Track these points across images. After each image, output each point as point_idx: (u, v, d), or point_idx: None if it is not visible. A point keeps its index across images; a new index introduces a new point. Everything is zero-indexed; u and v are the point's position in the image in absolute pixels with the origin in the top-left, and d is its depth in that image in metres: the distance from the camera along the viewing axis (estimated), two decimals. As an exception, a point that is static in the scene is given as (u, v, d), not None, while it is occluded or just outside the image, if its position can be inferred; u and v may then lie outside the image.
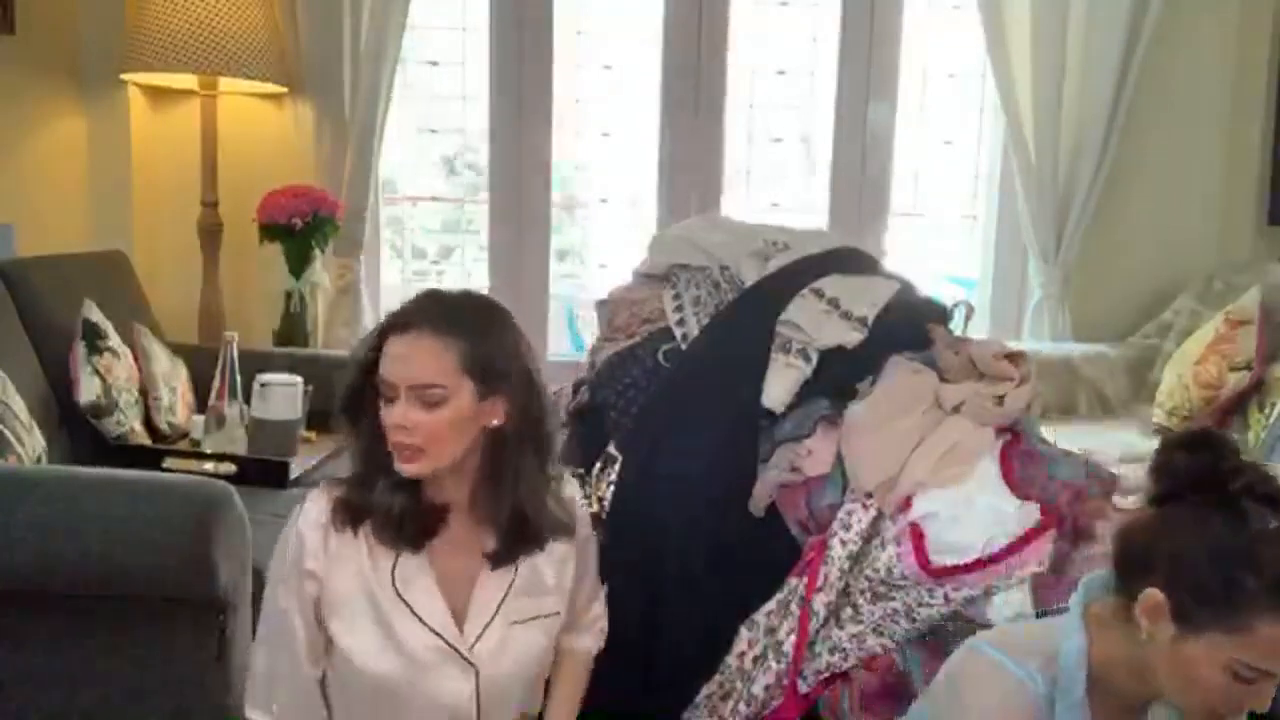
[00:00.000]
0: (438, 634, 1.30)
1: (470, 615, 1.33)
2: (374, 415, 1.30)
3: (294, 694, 1.33)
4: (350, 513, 1.31)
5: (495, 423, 1.31)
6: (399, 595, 1.30)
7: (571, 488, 1.48)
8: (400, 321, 1.28)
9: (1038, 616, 1.64)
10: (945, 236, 3.68)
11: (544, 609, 1.40)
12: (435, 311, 1.28)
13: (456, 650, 1.31)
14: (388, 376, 1.26)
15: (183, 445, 2.43)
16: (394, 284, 3.47)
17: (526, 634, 1.36)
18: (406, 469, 1.28)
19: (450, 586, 1.33)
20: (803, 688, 1.73)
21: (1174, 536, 1.15)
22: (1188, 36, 3.19)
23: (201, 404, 2.50)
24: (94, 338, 2.32)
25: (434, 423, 1.25)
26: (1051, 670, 1.19)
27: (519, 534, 1.35)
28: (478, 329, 1.29)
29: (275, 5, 3.00)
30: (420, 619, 1.30)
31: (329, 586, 1.31)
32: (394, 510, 1.30)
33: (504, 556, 1.35)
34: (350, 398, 1.32)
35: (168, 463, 2.27)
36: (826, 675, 1.72)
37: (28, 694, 1.74)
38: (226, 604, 1.72)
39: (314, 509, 1.32)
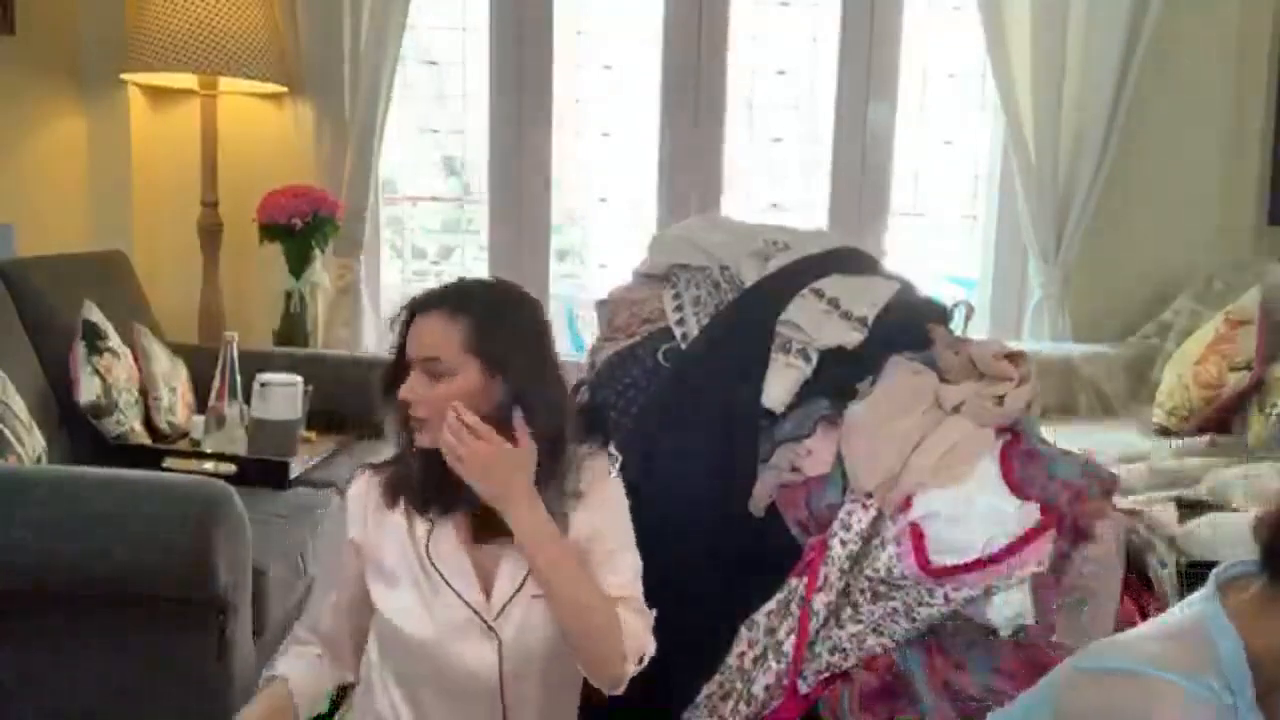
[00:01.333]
0: (465, 602, 1.36)
1: (496, 587, 1.37)
2: None
3: (310, 634, 1.47)
4: (390, 487, 1.40)
5: (500, 401, 1.35)
6: (433, 564, 1.37)
7: (599, 465, 1.46)
8: (419, 303, 1.36)
9: (1037, 619, 1.64)
10: (945, 236, 3.67)
11: None
12: (452, 294, 1.36)
13: (482, 619, 1.36)
14: (407, 353, 1.35)
15: (183, 445, 2.43)
16: (394, 284, 3.47)
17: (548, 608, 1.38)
18: (417, 439, 1.36)
19: (481, 558, 1.38)
20: (803, 688, 1.73)
21: None
22: (1188, 36, 3.19)
23: (201, 404, 2.51)
24: (94, 338, 2.32)
25: (437, 396, 1.32)
26: (1219, 676, 1.15)
27: None
28: (486, 311, 1.34)
29: (275, 5, 3.00)
30: (451, 586, 1.36)
31: (372, 554, 1.40)
32: (417, 476, 1.37)
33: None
34: (387, 378, 1.40)
35: (168, 463, 2.27)
36: (826, 675, 1.72)
37: (28, 694, 1.75)
38: (226, 604, 1.72)
39: (356, 485, 1.43)
